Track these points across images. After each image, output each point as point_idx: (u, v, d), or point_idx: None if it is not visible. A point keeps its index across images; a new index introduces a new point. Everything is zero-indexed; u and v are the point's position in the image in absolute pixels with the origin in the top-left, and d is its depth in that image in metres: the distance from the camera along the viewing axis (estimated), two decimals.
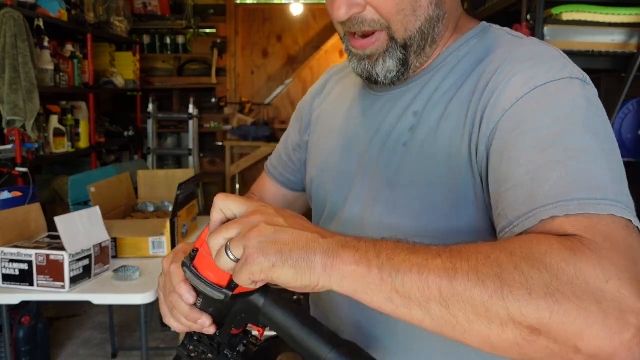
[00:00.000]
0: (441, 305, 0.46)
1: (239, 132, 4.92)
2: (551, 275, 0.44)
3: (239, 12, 5.03)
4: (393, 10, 0.66)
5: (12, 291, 1.68)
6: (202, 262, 0.57)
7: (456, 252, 0.48)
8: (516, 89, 0.60)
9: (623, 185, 0.54)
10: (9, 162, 2.87)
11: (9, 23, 2.72)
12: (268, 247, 0.48)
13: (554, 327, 0.43)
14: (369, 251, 0.48)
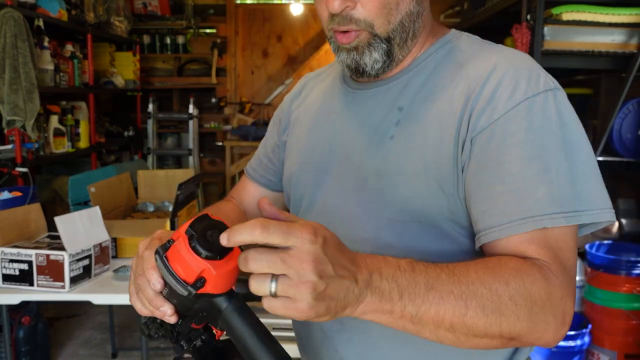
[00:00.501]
0: (448, 331, 0.58)
1: (239, 132, 4.92)
2: (533, 302, 0.60)
3: (239, 12, 5.03)
4: (378, 8, 0.72)
5: (12, 291, 1.68)
6: (174, 255, 0.57)
7: (465, 285, 0.58)
8: (502, 100, 0.68)
9: (586, 188, 0.65)
10: (9, 162, 2.87)
11: (9, 23, 2.73)
12: (319, 304, 0.52)
13: (525, 337, 0.61)
14: (392, 292, 0.56)
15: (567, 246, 0.64)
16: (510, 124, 0.66)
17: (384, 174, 0.74)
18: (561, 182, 0.64)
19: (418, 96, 0.75)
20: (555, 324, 0.61)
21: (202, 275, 0.56)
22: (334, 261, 0.52)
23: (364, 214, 0.76)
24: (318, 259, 0.51)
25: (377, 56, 0.75)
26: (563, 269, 0.63)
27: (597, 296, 2.42)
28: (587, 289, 2.50)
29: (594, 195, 0.66)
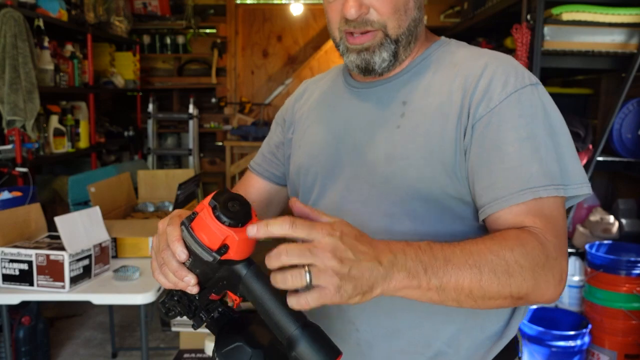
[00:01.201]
0: (468, 297, 0.67)
1: (239, 132, 4.92)
2: (535, 264, 0.69)
3: (239, 12, 5.03)
4: (391, 11, 0.82)
5: (12, 291, 1.68)
6: (199, 225, 0.63)
7: (477, 255, 0.67)
8: (496, 92, 0.78)
9: (569, 165, 0.77)
10: (9, 162, 2.87)
11: (9, 23, 2.73)
12: (346, 285, 0.59)
13: (531, 295, 0.70)
14: (418, 268, 0.64)
15: (559, 214, 0.75)
16: (504, 111, 0.77)
17: (392, 159, 0.83)
18: (550, 160, 0.75)
19: (419, 91, 0.85)
20: (554, 281, 0.71)
21: (225, 242, 0.62)
22: (353, 248, 0.60)
23: (376, 197, 0.83)
24: (337, 247, 0.59)
25: (385, 56, 0.84)
26: (556, 233, 0.73)
27: (597, 296, 2.42)
28: (587, 288, 2.50)
29: (576, 172, 0.77)
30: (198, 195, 2.92)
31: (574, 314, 2.57)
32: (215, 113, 5.10)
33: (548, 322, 2.50)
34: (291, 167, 0.99)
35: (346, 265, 0.59)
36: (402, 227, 0.80)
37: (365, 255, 0.60)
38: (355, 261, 0.59)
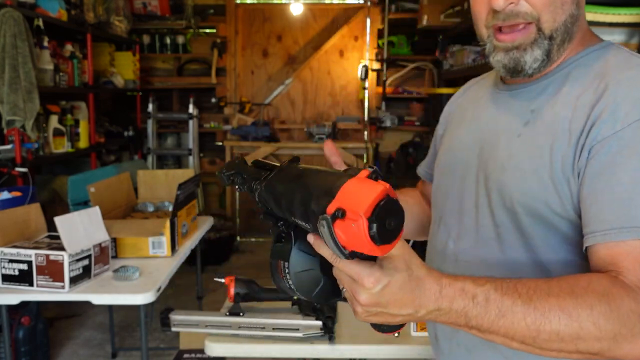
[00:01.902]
0: (521, 344, 0.64)
1: (239, 132, 4.91)
2: (621, 326, 0.62)
3: (238, 12, 5.03)
4: (545, 2, 0.75)
5: (11, 291, 1.68)
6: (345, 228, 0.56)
7: (540, 312, 0.62)
8: (624, 114, 0.70)
9: None
10: (9, 162, 2.86)
11: (9, 23, 2.72)
12: (367, 318, 0.65)
13: (610, 352, 0.63)
14: (459, 319, 0.64)
15: None
16: (629, 137, 0.69)
17: (506, 169, 0.80)
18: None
19: (550, 101, 0.79)
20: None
21: (364, 252, 0.58)
22: (389, 302, 0.62)
23: (488, 205, 0.82)
24: (369, 301, 0.62)
25: (537, 54, 0.77)
26: None
27: None
28: None
29: None
30: (198, 195, 2.92)
31: None
32: (215, 113, 5.09)
33: None
34: (435, 163, 1.02)
35: (369, 312, 0.63)
36: (510, 239, 0.79)
37: (400, 310, 0.63)
38: (383, 314, 0.63)
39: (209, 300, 3.34)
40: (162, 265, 1.91)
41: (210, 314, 1.54)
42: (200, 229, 2.41)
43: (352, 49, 5.04)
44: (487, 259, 0.82)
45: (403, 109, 5.07)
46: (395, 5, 4.79)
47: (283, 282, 0.70)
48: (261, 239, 5.13)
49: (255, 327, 1.47)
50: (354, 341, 1.45)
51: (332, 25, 5.04)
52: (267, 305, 1.59)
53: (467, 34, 3.99)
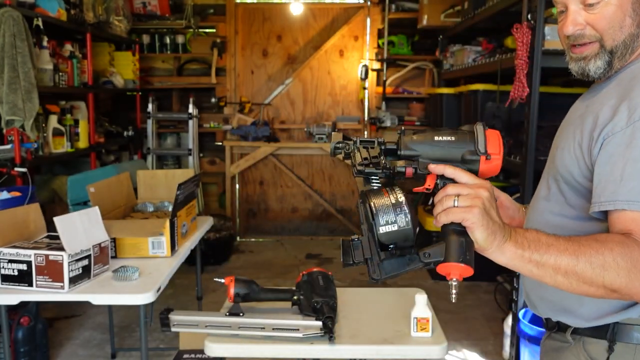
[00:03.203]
0: (564, 277, 0.84)
1: (239, 132, 4.91)
2: (632, 265, 0.83)
3: (238, 12, 5.02)
4: (605, 27, 0.97)
5: (10, 291, 1.67)
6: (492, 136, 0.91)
7: (577, 247, 0.84)
8: (635, 112, 0.89)
9: None
10: (8, 162, 2.86)
11: (8, 22, 2.72)
12: (485, 215, 0.81)
13: (625, 291, 0.84)
14: (524, 243, 0.84)
15: None
16: (630, 134, 0.89)
17: (557, 148, 1.06)
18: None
19: (599, 98, 1.00)
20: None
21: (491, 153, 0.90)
22: (494, 206, 0.84)
23: (545, 176, 1.10)
24: (489, 194, 0.83)
25: (600, 64, 0.99)
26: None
27: None
28: None
29: None
30: (197, 195, 2.91)
31: None
32: (215, 113, 5.09)
33: None
34: None
35: (489, 207, 0.82)
36: (554, 200, 1.05)
37: (497, 218, 0.84)
38: (493, 210, 0.83)
39: (209, 301, 3.33)
40: (162, 266, 1.90)
41: (210, 314, 1.54)
42: (200, 229, 2.40)
43: (352, 48, 5.03)
44: (541, 214, 1.08)
45: (403, 108, 5.06)
46: (395, 5, 4.79)
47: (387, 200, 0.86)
48: (261, 239, 5.13)
49: (255, 327, 1.46)
50: (354, 341, 1.44)
51: (332, 25, 5.04)
52: (267, 305, 1.59)
53: (467, 34, 3.99)
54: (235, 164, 4.99)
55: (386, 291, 1.95)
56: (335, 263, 4.43)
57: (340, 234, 5.13)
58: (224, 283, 1.55)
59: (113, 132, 4.36)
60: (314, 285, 1.55)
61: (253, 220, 5.24)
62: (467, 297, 3.65)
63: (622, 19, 0.95)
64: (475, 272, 0.81)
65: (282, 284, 3.90)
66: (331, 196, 5.19)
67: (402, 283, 3.78)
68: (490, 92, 3.29)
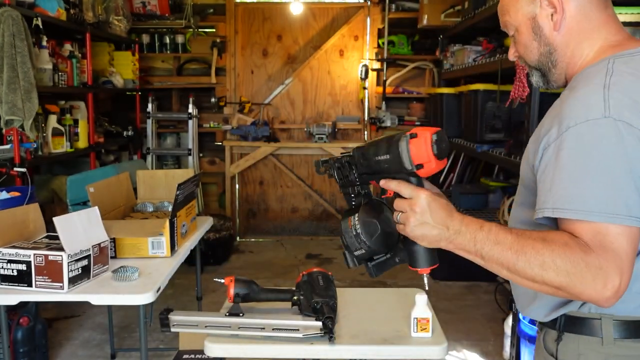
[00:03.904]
0: (508, 272, 0.93)
1: (239, 131, 4.91)
2: (572, 265, 0.88)
3: (238, 12, 5.02)
4: (522, 52, 1.12)
5: (10, 291, 1.67)
6: (416, 143, 0.94)
7: (521, 247, 0.91)
8: (563, 123, 0.95)
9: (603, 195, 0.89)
10: (7, 162, 2.86)
11: (7, 22, 2.71)
12: (419, 227, 0.96)
13: (568, 289, 0.89)
14: (470, 242, 0.94)
15: (612, 236, 0.88)
16: (560, 144, 0.94)
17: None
18: (565, 185, 0.92)
19: (552, 107, 1.05)
20: (594, 284, 0.87)
21: (423, 163, 0.94)
22: (434, 213, 0.96)
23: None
24: (422, 208, 0.96)
25: (536, 78, 1.14)
26: (604, 249, 0.87)
27: None
28: None
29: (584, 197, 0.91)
30: (197, 195, 2.91)
31: None
32: (215, 113, 5.09)
33: None
34: None
35: (420, 220, 0.96)
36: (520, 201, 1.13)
37: (439, 221, 0.96)
38: (429, 224, 0.96)
39: (209, 301, 3.33)
40: (162, 266, 1.90)
41: (209, 315, 1.53)
42: (199, 229, 2.40)
43: (352, 48, 5.03)
44: (513, 216, 1.16)
45: (403, 108, 5.06)
46: (395, 4, 4.78)
47: (350, 231, 1.04)
48: (260, 239, 5.13)
49: (255, 327, 1.46)
50: (354, 342, 1.44)
51: (332, 24, 5.04)
52: (267, 305, 1.59)
53: (468, 34, 3.99)
54: (235, 164, 4.99)
55: (386, 291, 1.94)
56: (335, 263, 4.43)
57: (340, 234, 5.12)
58: (223, 283, 1.55)
59: (113, 132, 4.35)
60: (314, 286, 1.54)
61: (253, 220, 5.24)
62: (467, 298, 3.64)
63: (528, 44, 1.09)
64: (475, 273, 1.00)
65: (282, 284, 3.89)
66: (331, 196, 5.19)
67: (402, 283, 3.78)
68: (490, 92, 3.29)
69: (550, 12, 1.05)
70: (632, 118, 0.89)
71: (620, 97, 0.91)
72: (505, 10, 1.11)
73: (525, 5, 1.07)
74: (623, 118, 0.89)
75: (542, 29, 1.07)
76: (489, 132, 3.32)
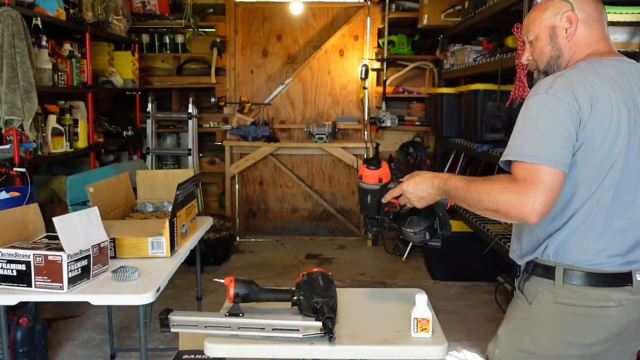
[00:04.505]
0: (466, 204, 1.34)
1: (239, 131, 4.90)
2: (500, 193, 1.24)
3: (238, 11, 5.02)
4: (537, 57, 1.46)
5: (9, 292, 1.66)
6: (365, 176, 1.48)
7: (468, 187, 1.32)
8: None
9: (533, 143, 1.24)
10: (7, 162, 2.85)
11: (7, 22, 2.71)
12: (419, 200, 1.47)
13: (501, 210, 1.24)
14: (442, 188, 1.41)
15: (527, 170, 1.23)
16: (523, 108, 1.32)
17: None
18: (513, 138, 1.30)
19: None
20: (517, 205, 1.21)
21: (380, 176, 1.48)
22: (418, 189, 1.45)
23: None
24: (410, 193, 1.46)
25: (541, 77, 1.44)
26: (524, 180, 1.22)
27: None
28: None
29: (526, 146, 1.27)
30: (197, 195, 2.90)
31: None
32: (215, 113, 5.08)
33: None
34: None
35: (415, 194, 1.46)
36: None
37: (424, 186, 1.44)
38: (418, 193, 1.45)
39: (209, 301, 3.33)
40: (162, 266, 1.90)
41: (209, 315, 1.53)
42: (199, 229, 2.39)
43: (352, 48, 5.03)
44: None
45: (403, 108, 5.06)
46: (395, 4, 4.78)
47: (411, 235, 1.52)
48: (260, 239, 5.12)
49: (254, 327, 1.46)
50: (354, 342, 1.44)
51: (332, 24, 5.03)
52: (267, 305, 1.58)
53: (468, 34, 3.98)
54: (235, 164, 4.99)
55: (386, 291, 1.94)
56: (335, 263, 4.43)
57: (340, 234, 5.13)
58: (223, 283, 1.54)
59: (112, 132, 4.35)
60: (314, 286, 1.54)
61: (253, 220, 5.23)
62: (467, 298, 3.64)
63: (543, 48, 1.43)
64: (475, 273, 1.18)
65: (282, 284, 3.89)
66: (331, 196, 5.19)
67: (402, 283, 3.78)
68: (490, 91, 3.29)
69: (566, 26, 1.38)
70: (563, 96, 1.24)
71: (562, 83, 1.26)
72: (531, 20, 1.43)
73: (549, 17, 1.40)
74: (557, 94, 1.24)
75: (557, 37, 1.40)
76: (489, 132, 3.32)
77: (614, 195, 1.27)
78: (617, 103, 1.25)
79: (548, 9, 1.40)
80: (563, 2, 1.38)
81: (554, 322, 1.32)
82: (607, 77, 1.28)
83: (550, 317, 1.32)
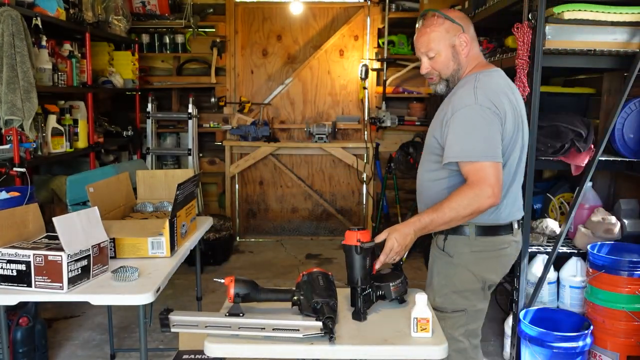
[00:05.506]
0: (446, 225, 1.70)
1: (239, 131, 4.90)
2: (468, 198, 1.64)
3: (238, 11, 5.01)
4: (439, 68, 1.81)
5: (9, 292, 1.66)
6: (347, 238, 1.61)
7: (442, 212, 1.65)
8: (454, 109, 1.70)
9: (476, 146, 1.66)
10: (7, 162, 2.85)
11: (7, 22, 2.71)
12: (403, 250, 1.68)
13: (476, 211, 1.65)
14: (422, 228, 1.68)
15: (478, 169, 1.64)
16: (453, 120, 1.70)
17: (430, 132, 1.84)
18: (458, 142, 1.68)
19: (446, 101, 1.79)
20: (483, 200, 1.62)
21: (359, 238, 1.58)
22: (400, 237, 1.65)
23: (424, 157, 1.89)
24: (400, 242, 1.65)
25: (442, 87, 1.85)
26: (477, 179, 1.63)
27: (598, 297, 2.41)
28: (588, 289, 2.48)
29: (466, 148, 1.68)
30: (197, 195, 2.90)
31: (576, 315, 2.56)
32: (215, 113, 5.08)
33: (549, 323, 2.49)
34: None
35: (404, 244, 1.65)
36: (426, 168, 1.85)
37: (406, 236, 1.65)
38: (404, 245, 1.65)
39: (209, 301, 3.33)
40: (162, 266, 1.90)
41: (209, 315, 1.53)
42: (199, 229, 2.39)
43: (352, 48, 5.03)
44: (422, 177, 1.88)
45: (403, 108, 5.06)
46: (395, 4, 4.78)
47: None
48: (260, 239, 5.12)
49: (255, 327, 1.46)
50: (354, 342, 1.44)
51: (332, 24, 5.03)
52: (267, 305, 1.58)
53: None
54: (235, 164, 4.99)
55: None
56: (335, 263, 4.43)
57: (340, 234, 5.12)
58: (223, 283, 1.54)
59: (112, 132, 4.35)
60: (314, 286, 1.54)
61: (253, 220, 5.23)
62: None
63: (447, 63, 1.79)
64: None
65: (282, 284, 3.89)
66: (331, 196, 5.19)
67: None
68: None
69: (464, 45, 1.78)
70: (488, 104, 1.65)
71: (482, 93, 1.67)
72: (432, 39, 1.77)
73: (449, 38, 1.77)
74: (484, 104, 1.65)
75: (458, 54, 1.79)
76: None
77: (514, 173, 1.77)
78: (511, 105, 1.71)
79: (448, 31, 1.77)
80: (455, 24, 1.77)
81: (472, 265, 1.78)
82: (503, 86, 1.74)
83: (469, 262, 1.78)
